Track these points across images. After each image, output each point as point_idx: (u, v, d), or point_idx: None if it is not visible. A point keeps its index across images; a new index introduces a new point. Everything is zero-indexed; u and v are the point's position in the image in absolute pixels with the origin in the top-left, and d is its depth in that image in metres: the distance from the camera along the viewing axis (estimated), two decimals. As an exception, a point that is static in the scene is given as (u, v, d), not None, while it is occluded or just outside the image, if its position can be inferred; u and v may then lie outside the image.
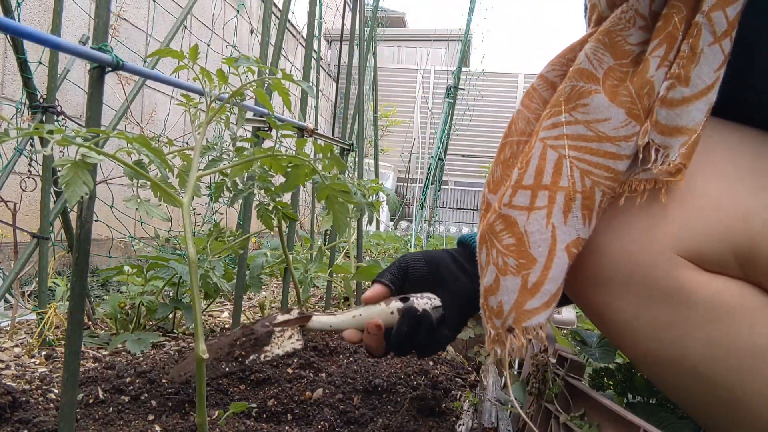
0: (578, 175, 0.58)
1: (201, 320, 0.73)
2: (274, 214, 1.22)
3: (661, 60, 0.56)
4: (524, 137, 0.66)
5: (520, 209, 0.60)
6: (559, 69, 0.65)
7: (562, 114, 0.59)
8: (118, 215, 2.27)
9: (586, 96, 0.58)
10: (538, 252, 0.59)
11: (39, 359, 1.30)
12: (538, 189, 0.59)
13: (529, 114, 0.66)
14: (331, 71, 7.19)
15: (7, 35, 1.59)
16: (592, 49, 0.59)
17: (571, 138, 0.59)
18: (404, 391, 1.15)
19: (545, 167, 0.59)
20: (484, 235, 0.63)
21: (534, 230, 0.59)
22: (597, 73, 0.58)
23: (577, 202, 0.58)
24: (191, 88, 1.04)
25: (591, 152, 0.58)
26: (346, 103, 2.25)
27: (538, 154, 0.60)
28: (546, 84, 0.66)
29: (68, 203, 0.65)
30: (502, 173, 0.67)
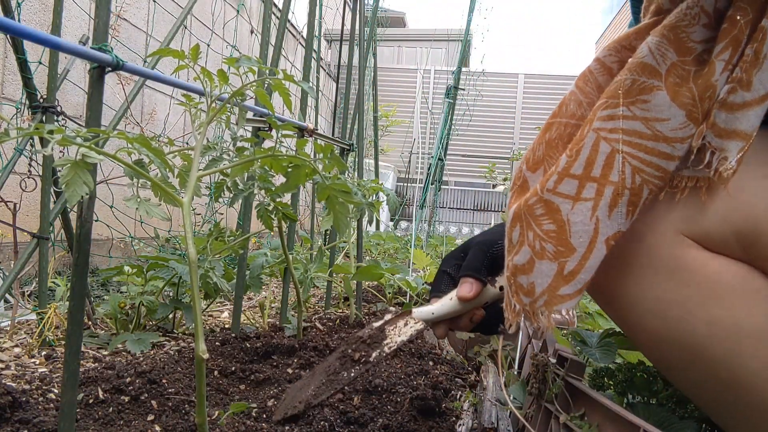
0: (629, 171, 0.58)
1: (201, 320, 0.73)
2: (274, 214, 1.22)
3: (726, 64, 0.55)
4: (573, 120, 0.65)
5: (564, 197, 0.60)
6: (615, 54, 0.64)
7: (620, 107, 0.59)
8: (118, 215, 2.27)
9: (648, 92, 0.57)
10: (578, 242, 0.59)
11: (39, 359, 1.30)
12: (587, 180, 0.59)
13: (582, 97, 0.66)
14: (331, 71, 7.19)
15: (7, 35, 1.59)
16: (656, 43, 0.58)
17: (626, 133, 0.58)
18: (404, 391, 1.15)
19: (596, 159, 0.59)
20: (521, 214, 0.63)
21: (577, 220, 0.59)
22: (660, 68, 0.58)
23: (625, 198, 0.58)
24: (192, 88, 1.04)
25: (645, 150, 0.57)
26: (346, 103, 2.25)
27: (591, 144, 0.59)
28: (602, 68, 0.65)
29: (68, 203, 0.65)
30: (545, 153, 0.66)
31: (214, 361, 1.28)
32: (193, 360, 1.30)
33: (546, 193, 0.61)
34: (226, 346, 1.38)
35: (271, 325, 1.68)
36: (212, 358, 1.30)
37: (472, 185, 8.98)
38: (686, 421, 0.77)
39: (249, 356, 1.35)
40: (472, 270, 0.80)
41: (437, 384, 1.20)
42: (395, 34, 10.26)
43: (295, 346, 1.39)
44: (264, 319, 1.75)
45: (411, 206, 8.09)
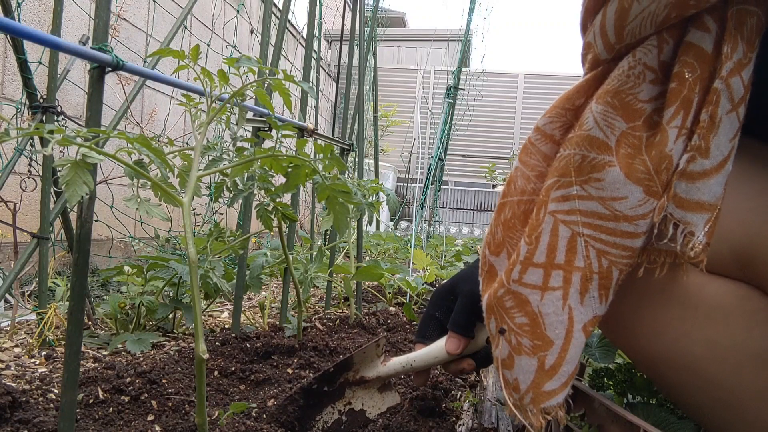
0: (594, 255, 0.55)
1: (201, 320, 0.73)
2: (273, 214, 1.22)
3: (680, 129, 0.52)
4: (525, 196, 0.62)
5: (532, 288, 0.57)
6: (558, 120, 0.60)
7: (573, 186, 0.55)
8: (118, 215, 2.27)
9: (600, 170, 0.54)
10: (554, 334, 0.56)
11: (39, 359, 1.30)
12: (551, 268, 0.56)
13: (528, 171, 0.62)
14: (331, 71, 7.19)
15: (7, 35, 1.59)
16: (601, 113, 0.55)
17: (585, 214, 0.55)
18: (404, 391, 1.15)
19: (557, 244, 0.56)
20: (493, 306, 0.61)
21: (549, 312, 0.56)
22: (609, 141, 0.54)
23: (594, 283, 0.56)
24: (192, 89, 1.04)
25: (607, 232, 0.55)
26: (346, 103, 2.25)
27: (549, 229, 0.56)
28: (544, 138, 0.61)
29: (68, 203, 0.65)
30: (504, 234, 0.63)
31: (214, 361, 1.28)
32: (193, 360, 1.30)
33: (513, 284, 0.58)
34: (226, 346, 1.38)
35: (271, 325, 1.68)
36: (212, 358, 1.30)
37: (472, 185, 8.98)
38: (685, 421, 0.77)
39: (249, 356, 1.35)
40: (459, 327, 0.80)
41: (437, 384, 1.20)
42: (395, 34, 10.25)
43: (295, 346, 1.39)
44: (264, 319, 1.75)
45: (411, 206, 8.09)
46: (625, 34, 0.54)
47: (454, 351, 0.80)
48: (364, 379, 0.91)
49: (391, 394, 0.94)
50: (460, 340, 0.79)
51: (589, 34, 0.58)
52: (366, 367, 0.92)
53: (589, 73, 0.59)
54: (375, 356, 0.91)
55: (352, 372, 0.92)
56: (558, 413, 0.57)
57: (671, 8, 0.50)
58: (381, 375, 0.91)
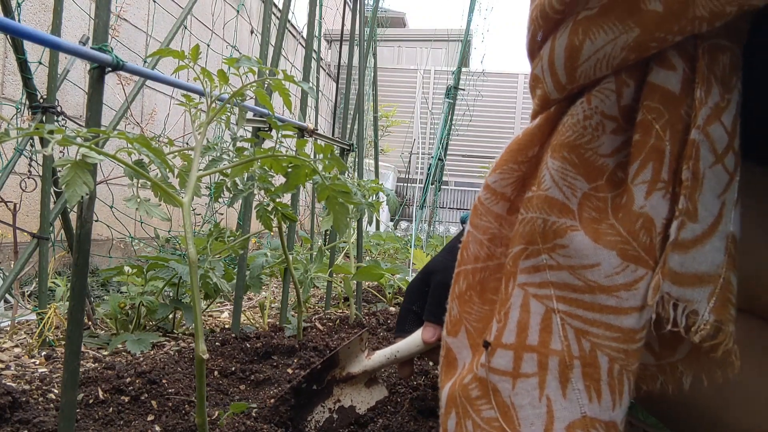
0: (572, 335, 0.46)
1: (201, 320, 0.73)
2: (273, 214, 1.22)
3: (650, 184, 0.45)
4: (479, 263, 0.55)
5: (501, 374, 0.48)
6: (510, 176, 0.53)
7: (542, 254, 0.48)
8: (118, 215, 2.27)
9: (562, 234, 0.47)
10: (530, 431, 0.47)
11: (39, 359, 1.30)
12: (523, 350, 0.47)
13: (480, 235, 0.55)
14: (331, 71, 7.19)
15: (7, 35, 1.59)
16: (558, 171, 0.47)
17: (557, 287, 0.47)
18: (404, 391, 1.15)
19: (529, 322, 0.47)
20: (455, 397, 0.52)
21: (524, 403, 0.47)
22: (569, 203, 0.47)
23: (576, 371, 0.46)
24: (192, 89, 1.04)
25: (584, 306, 0.46)
26: (346, 104, 2.25)
27: (519, 304, 0.48)
28: (495, 197, 0.54)
29: (68, 203, 0.65)
30: (460, 310, 0.56)
31: (214, 361, 1.28)
32: (193, 360, 1.30)
33: (479, 369, 0.49)
34: (226, 347, 1.38)
35: (271, 326, 1.68)
36: (212, 359, 1.30)
37: (472, 185, 8.98)
38: (686, 421, 0.76)
39: (249, 356, 1.35)
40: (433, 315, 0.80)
41: (437, 384, 1.20)
42: (395, 35, 10.25)
43: (295, 346, 1.39)
44: (264, 319, 1.75)
45: (411, 206, 8.09)
46: (578, 76, 0.47)
47: (429, 339, 0.80)
48: (350, 375, 0.92)
49: (379, 388, 0.95)
50: (435, 329, 0.80)
51: (536, 65, 0.51)
52: (351, 362, 0.92)
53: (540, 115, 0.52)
54: (359, 351, 0.92)
55: (339, 369, 0.92)
56: None
57: (629, 51, 0.44)
58: (367, 369, 0.92)
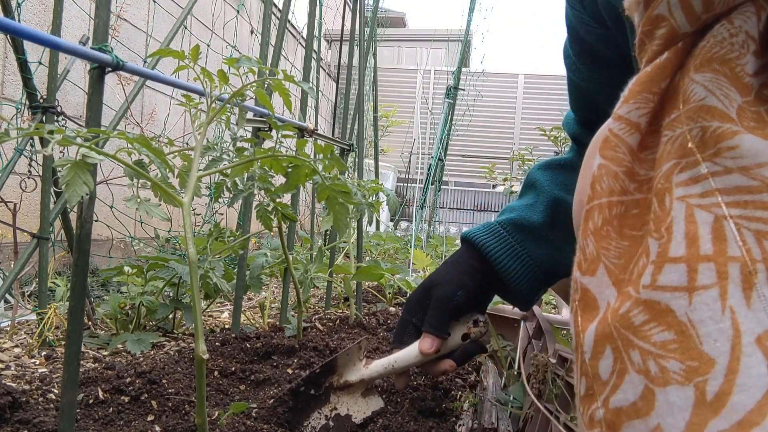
0: (752, 239, 0.43)
1: (201, 320, 0.73)
2: (273, 214, 1.22)
3: None
4: (615, 197, 0.52)
5: (673, 290, 0.44)
6: (644, 107, 0.51)
7: (702, 164, 0.45)
8: (118, 215, 2.27)
9: (731, 137, 0.44)
10: (714, 348, 0.42)
11: (39, 359, 1.30)
12: (697, 261, 0.43)
13: (615, 167, 0.52)
14: (331, 71, 7.19)
15: (7, 35, 1.59)
16: (712, 81, 0.46)
17: (726, 193, 0.44)
18: (404, 391, 1.15)
19: (698, 232, 0.44)
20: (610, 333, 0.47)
21: (704, 318, 0.42)
22: (729, 112, 0.45)
23: (761, 275, 0.42)
24: (192, 89, 1.04)
25: (763, 206, 0.43)
26: (346, 104, 2.25)
27: (683, 216, 0.45)
28: (629, 127, 0.52)
29: (68, 203, 0.65)
30: (597, 246, 0.52)
31: (214, 361, 1.28)
32: (193, 360, 1.30)
33: (644, 292, 0.45)
34: (226, 347, 1.38)
35: (271, 326, 1.68)
36: (212, 359, 1.30)
37: (472, 185, 8.98)
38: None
39: (249, 356, 1.35)
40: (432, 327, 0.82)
41: (437, 384, 1.20)
42: (395, 35, 10.26)
43: (295, 346, 1.39)
44: (264, 319, 1.75)
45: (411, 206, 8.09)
46: (716, 4, 0.46)
47: (427, 350, 0.81)
48: (348, 384, 0.92)
49: (375, 399, 0.95)
50: (434, 340, 0.81)
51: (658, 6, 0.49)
52: (349, 370, 0.93)
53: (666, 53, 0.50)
54: (357, 359, 0.93)
55: (336, 376, 0.93)
56: None
57: None
58: (364, 378, 0.92)
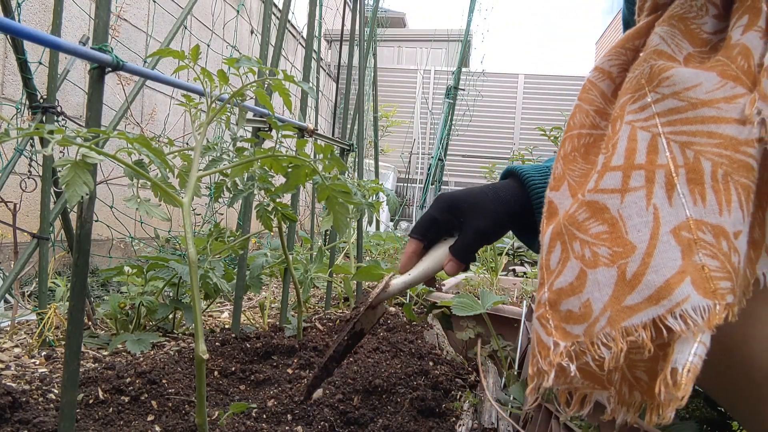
0: (677, 149, 0.50)
1: (201, 320, 0.73)
2: (273, 214, 1.22)
3: (746, 27, 0.50)
4: (585, 129, 0.61)
5: (610, 192, 0.52)
6: (617, 59, 0.60)
7: (648, 95, 0.53)
8: (118, 215, 2.27)
9: (667, 70, 0.52)
10: (637, 237, 0.49)
11: (39, 359, 1.30)
12: (631, 169, 0.51)
13: (586, 106, 0.62)
14: (331, 71, 7.19)
15: (7, 35, 1.59)
16: (667, 33, 0.54)
17: (662, 115, 0.51)
18: (404, 391, 1.15)
19: (637, 147, 0.52)
20: (560, 230, 0.55)
21: (632, 213, 0.50)
22: (676, 56, 0.54)
23: (681, 178, 0.49)
24: (192, 89, 1.04)
25: (687, 122, 0.50)
26: (346, 104, 2.25)
27: (626, 136, 0.52)
28: (603, 75, 0.61)
29: (68, 203, 0.65)
30: (564, 168, 0.61)
31: (214, 361, 1.28)
32: (193, 360, 1.30)
33: (588, 194, 0.53)
34: (226, 347, 1.38)
35: (271, 326, 1.68)
36: (212, 359, 1.30)
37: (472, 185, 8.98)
38: (687, 421, 0.77)
39: (249, 356, 1.35)
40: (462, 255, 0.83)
41: (437, 384, 1.20)
42: (395, 35, 10.25)
43: (295, 346, 1.39)
44: (264, 319, 1.75)
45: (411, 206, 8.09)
46: None
47: (453, 273, 0.85)
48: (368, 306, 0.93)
49: (381, 307, 0.96)
50: (460, 265, 0.84)
51: None
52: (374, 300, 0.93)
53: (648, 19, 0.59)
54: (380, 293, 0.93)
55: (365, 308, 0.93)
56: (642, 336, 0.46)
57: None
58: (381, 299, 0.93)
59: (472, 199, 0.84)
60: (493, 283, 2.27)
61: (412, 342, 1.53)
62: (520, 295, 2.11)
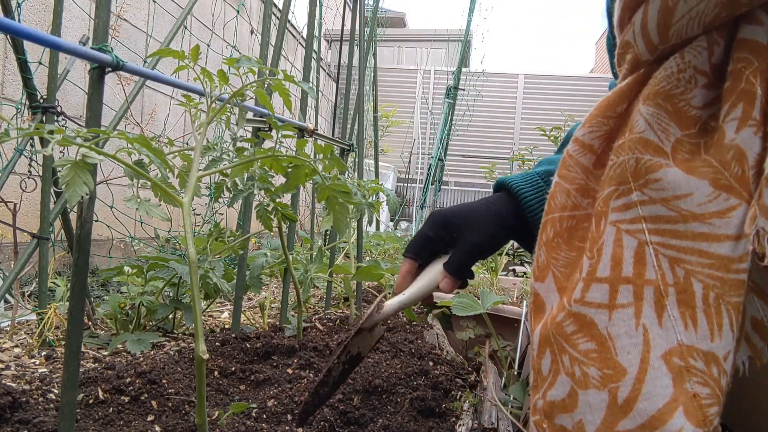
0: (666, 264, 0.48)
1: (201, 320, 0.73)
2: (273, 214, 1.22)
3: (741, 121, 0.46)
4: (566, 212, 0.57)
5: (597, 307, 0.50)
6: (599, 130, 0.56)
7: (634, 192, 0.50)
8: (118, 215, 2.27)
9: (656, 170, 0.49)
10: (627, 360, 0.48)
11: (39, 359, 1.30)
12: (618, 282, 0.49)
13: (568, 185, 0.57)
14: (331, 71, 7.19)
15: (7, 35, 1.59)
16: (653, 116, 0.50)
17: (649, 220, 0.49)
18: (404, 391, 1.15)
19: (623, 255, 0.49)
20: (549, 336, 0.54)
21: (621, 333, 0.49)
22: (664, 146, 0.49)
23: (671, 298, 0.47)
24: (192, 89, 1.04)
25: (677, 236, 0.48)
26: (346, 104, 2.25)
27: (612, 240, 0.50)
28: (583, 149, 0.57)
29: (68, 203, 0.65)
30: (547, 256, 0.58)
31: (214, 361, 1.28)
32: (193, 360, 1.30)
33: (574, 305, 0.51)
34: (226, 347, 1.38)
35: (271, 326, 1.68)
36: (212, 359, 1.30)
37: (472, 185, 8.98)
38: None
39: (249, 356, 1.35)
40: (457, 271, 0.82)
41: (437, 384, 1.20)
42: (395, 35, 10.26)
43: (295, 346, 1.39)
44: (264, 319, 1.75)
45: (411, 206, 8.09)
46: (671, 35, 0.50)
47: (449, 291, 0.84)
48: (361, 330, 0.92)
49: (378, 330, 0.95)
50: (456, 282, 0.83)
51: (627, 32, 0.53)
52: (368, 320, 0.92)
53: (630, 76, 0.55)
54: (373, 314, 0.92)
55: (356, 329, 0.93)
56: None
57: (721, 8, 0.47)
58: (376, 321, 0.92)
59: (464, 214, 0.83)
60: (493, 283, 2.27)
61: (412, 342, 1.53)
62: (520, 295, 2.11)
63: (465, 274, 0.83)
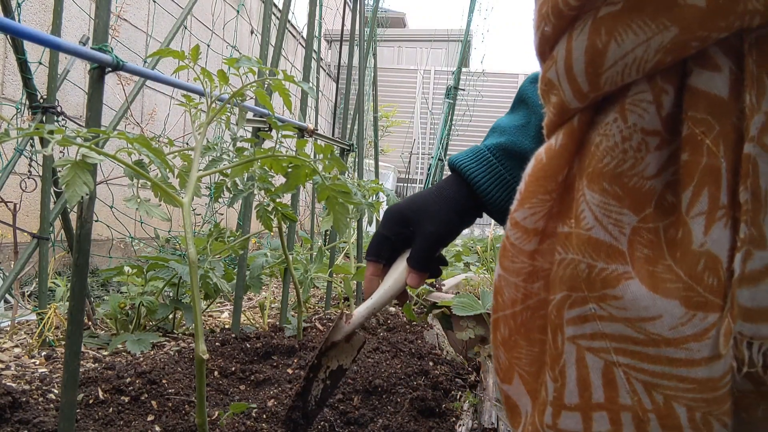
0: (641, 388, 0.42)
1: (201, 320, 0.73)
2: (273, 214, 1.22)
3: (708, 217, 0.39)
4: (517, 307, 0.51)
5: None
6: (541, 209, 0.48)
7: (589, 303, 0.43)
8: (118, 215, 2.27)
9: (615, 284, 0.42)
10: None
11: (39, 359, 1.30)
12: (590, 410, 0.43)
13: (514, 279, 0.51)
14: (331, 71, 7.19)
15: (7, 35, 1.59)
16: (601, 207, 0.42)
17: (613, 339, 0.43)
18: (404, 391, 1.15)
19: (590, 379, 0.43)
20: None
21: None
22: (619, 243, 0.42)
23: (653, 423, 0.42)
24: (192, 89, 1.04)
25: (649, 360, 0.41)
26: (346, 104, 2.25)
27: (574, 360, 0.44)
28: (527, 235, 0.49)
29: (68, 203, 0.65)
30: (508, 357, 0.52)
31: (214, 361, 1.28)
32: (193, 360, 1.30)
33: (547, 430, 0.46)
34: (226, 347, 1.38)
35: (271, 326, 1.68)
36: (212, 359, 1.30)
37: (472, 185, 8.97)
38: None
39: (249, 356, 1.35)
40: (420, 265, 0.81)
41: (437, 384, 1.20)
42: (395, 35, 10.26)
43: (295, 346, 1.39)
44: (264, 319, 1.75)
45: (411, 206, 8.08)
46: (602, 83, 0.42)
47: (417, 286, 0.83)
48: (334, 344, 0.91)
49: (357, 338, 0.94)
50: (422, 276, 0.83)
51: (549, 68, 0.45)
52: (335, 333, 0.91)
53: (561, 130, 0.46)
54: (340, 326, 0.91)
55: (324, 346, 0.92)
56: None
57: (665, 53, 0.39)
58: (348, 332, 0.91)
59: (416, 206, 0.82)
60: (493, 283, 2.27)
61: (412, 342, 1.53)
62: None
63: (428, 266, 0.82)
